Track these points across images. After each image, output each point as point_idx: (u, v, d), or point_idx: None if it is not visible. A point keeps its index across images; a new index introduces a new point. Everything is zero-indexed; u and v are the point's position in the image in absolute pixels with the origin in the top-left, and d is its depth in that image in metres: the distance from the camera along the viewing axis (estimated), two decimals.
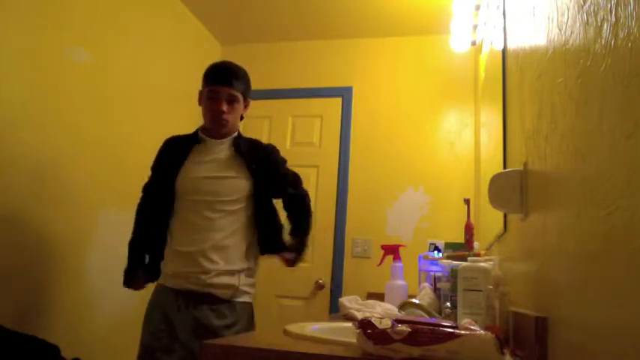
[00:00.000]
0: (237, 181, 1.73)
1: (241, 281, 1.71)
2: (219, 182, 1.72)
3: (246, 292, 1.74)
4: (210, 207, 1.69)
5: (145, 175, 1.86)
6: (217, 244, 1.68)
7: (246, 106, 1.84)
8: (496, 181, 1.05)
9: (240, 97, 1.77)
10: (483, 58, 2.31)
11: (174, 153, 1.79)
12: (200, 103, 1.82)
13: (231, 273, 1.69)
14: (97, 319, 2.30)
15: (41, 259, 2.01)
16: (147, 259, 1.80)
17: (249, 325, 1.74)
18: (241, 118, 1.85)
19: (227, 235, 1.69)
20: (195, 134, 1.82)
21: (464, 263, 1.27)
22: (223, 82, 1.73)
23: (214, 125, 1.77)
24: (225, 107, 1.74)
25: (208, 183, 1.71)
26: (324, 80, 3.36)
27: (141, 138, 2.61)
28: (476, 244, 1.96)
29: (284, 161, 1.90)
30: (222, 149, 1.78)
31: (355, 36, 3.32)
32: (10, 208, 1.87)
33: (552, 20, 0.80)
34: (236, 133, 1.84)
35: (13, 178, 1.88)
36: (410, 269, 2.26)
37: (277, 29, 3.34)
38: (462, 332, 0.72)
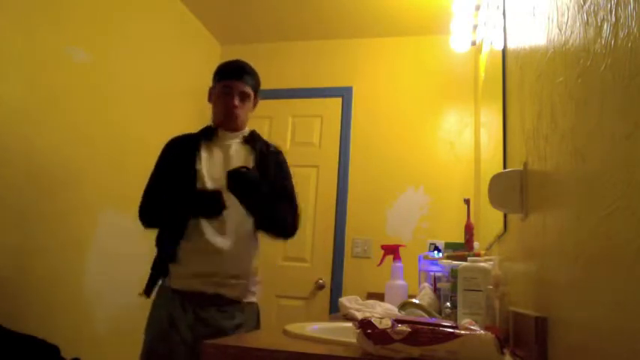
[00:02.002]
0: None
1: (250, 281, 1.71)
2: None
3: (252, 292, 1.73)
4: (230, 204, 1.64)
5: (145, 176, 1.83)
6: (235, 243, 1.65)
7: (255, 104, 1.85)
8: (496, 181, 1.05)
9: (252, 94, 1.80)
10: (483, 58, 2.31)
11: (183, 151, 1.74)
12: (210, 100, 1.83)
13: (245, 273, 1.69)
14: (97, 320, 2.30)
15: (41, 260, 2.01)
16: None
17: (258, 325, 1.73)
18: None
19: (242, 234, 1.67)
20: (203, 130, 1.80)
21: (464, 263, 1.27)
22: (236, 77, 1.76)
23: (226, 119, 1.77)
24: (237, 101, 1.75)
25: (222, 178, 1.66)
26: (324, 80, 3.35)
27: (140, 138, 2.61)
28: (476, 244, 1.96)
29: (288, 173, 1.84)
30: (234, 142, 1.77)
31: (355, 36, 3.32)
32: (9, 209, 1.87)
33: (552, 20, 0.80)
34: (247, 131, 1.82)
35: (11, 179, 1.88)
36: (410, 269, 2.26)
37: (277, 29, 3.34)
38: (462, 332, 0.72)
